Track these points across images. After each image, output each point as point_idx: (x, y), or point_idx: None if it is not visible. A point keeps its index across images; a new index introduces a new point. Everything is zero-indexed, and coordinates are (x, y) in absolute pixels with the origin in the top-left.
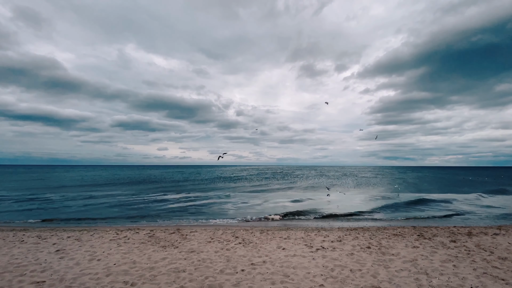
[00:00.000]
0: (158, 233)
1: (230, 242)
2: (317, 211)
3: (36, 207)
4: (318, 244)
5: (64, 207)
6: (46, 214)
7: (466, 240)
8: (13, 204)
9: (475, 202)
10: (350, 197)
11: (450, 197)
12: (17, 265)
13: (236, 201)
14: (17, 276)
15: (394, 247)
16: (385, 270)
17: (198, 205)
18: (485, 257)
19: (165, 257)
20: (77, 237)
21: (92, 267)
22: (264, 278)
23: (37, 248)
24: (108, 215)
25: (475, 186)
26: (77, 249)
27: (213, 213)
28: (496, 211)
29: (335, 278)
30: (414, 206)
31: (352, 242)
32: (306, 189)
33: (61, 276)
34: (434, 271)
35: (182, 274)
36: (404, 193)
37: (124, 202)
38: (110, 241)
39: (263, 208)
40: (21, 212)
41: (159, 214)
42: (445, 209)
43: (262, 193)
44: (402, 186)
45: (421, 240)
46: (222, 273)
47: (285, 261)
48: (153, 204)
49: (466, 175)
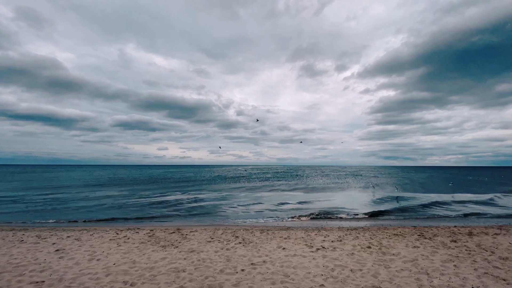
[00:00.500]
0: (158, 233)
1: (230, 241)
2: (350, 211)
3: (55, 207)
4: (318, 244)
5: (81, 207)
6: (61, 215)
7: (467, 240)
8: (33, 204)
9: (492, 202)
10: (376, 196)
11: (467, 197)
12: (16, 265)
13: (271, 201)
14: (16, 276)
15: (395, 247)
16: (386, 270)
17: (226, 204)
18: (486, 257)
19: (165, 257)
20: (76, 236)
21: (92, 267)
22: (264, 278)
23: (37, 248)
24: (113, 216)
25: (488, 187)
26: (77, 248)
27: (235, 215)
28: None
29: (336, 278)
30: (443, 206)
31: (352, 242)
32: (325, 188)
33: (61, 276)
34: (435, 271)
35: (182, 274)
36: (420, 193)
37: (126, 203)
38: (110, 241)
39: (285, 208)
40: (43, 213)
41: (167, 214)
42: (468, 210)
43: (276, 192)
44: (415, 186)
45: (422, 240)
46: (222, 273)
47: (285, 261)
48: (156, 204)
49: (466, 175)
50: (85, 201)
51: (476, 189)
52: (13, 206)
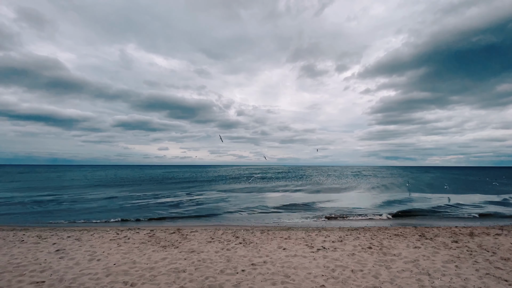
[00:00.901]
0: (159, 233)
1: (231, 242)
2: (371, 211)
3: (56, 207)
4: (319, 244)
5: (83, 208)
6: (63, 216)
7: (468, 240)
8: (35, 205)
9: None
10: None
11: (481, 198)
12: (16, 265)
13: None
14: (17, 276)
15: (396, 247)
16: (387, 270)
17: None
18: (487, 258)
19: (165, 257)
20: (77, 237)
21: (92, 267)
22: (264, 278)
23: (37, 248)
24: (114, 216)
25: (499, 188)
26: (77, 249)
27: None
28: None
29: (336, 278)
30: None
31: (353, 242)
32: (339, 189)
33: (61, 276)
34: (436, 272)
35: (182, 274)
36: (435, 194)
37: (127, 203)
38: (110, 241)
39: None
40: (44, 214)
41: (168, 215)
42: (481, 210)
43: (283, 193)
44: (424, 187)
45: (423, 240)
46: (222, 274)
47: (286, 261)
48: (157, 204)
49: (468, 176)
50: (86, 202)
51: (483, 190)
52: (14, 208)
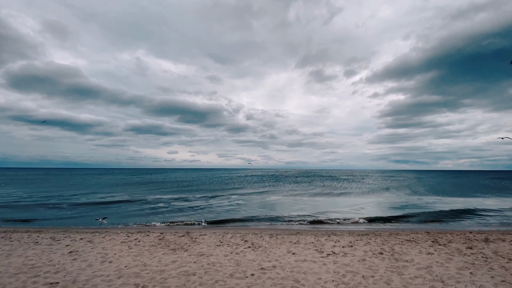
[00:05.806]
0: (168, 236)
1: (240, 246)
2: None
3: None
4: (328, 249)
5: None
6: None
7: (483, 246)
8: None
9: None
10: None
11: (496, 202)
12: (31, 266)
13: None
14: (31, 277)
15: (408, 253)
16: (399, 277)
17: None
18: (503, 265)
19: (175, 260)
20: (89, 239)
21: (104, 269)
22: (274, 283)
23: (51, 249)
24: (127, 220)
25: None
26: (90, 251)
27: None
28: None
29: (347, 284)
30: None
31: (363, 247)
32: (364, 193)
33: (74, 278)
34: (450, 279)
35: (192, 278)
36: (467, 198)
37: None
38: (121, 243)
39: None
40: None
41: (177, 217)
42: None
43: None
44: (456, 191)
45: (436, 246)
46: (232, 277)
47: (295, 266)
48: (164, 207)
49: (482, 179)
50: (96, 205)
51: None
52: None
